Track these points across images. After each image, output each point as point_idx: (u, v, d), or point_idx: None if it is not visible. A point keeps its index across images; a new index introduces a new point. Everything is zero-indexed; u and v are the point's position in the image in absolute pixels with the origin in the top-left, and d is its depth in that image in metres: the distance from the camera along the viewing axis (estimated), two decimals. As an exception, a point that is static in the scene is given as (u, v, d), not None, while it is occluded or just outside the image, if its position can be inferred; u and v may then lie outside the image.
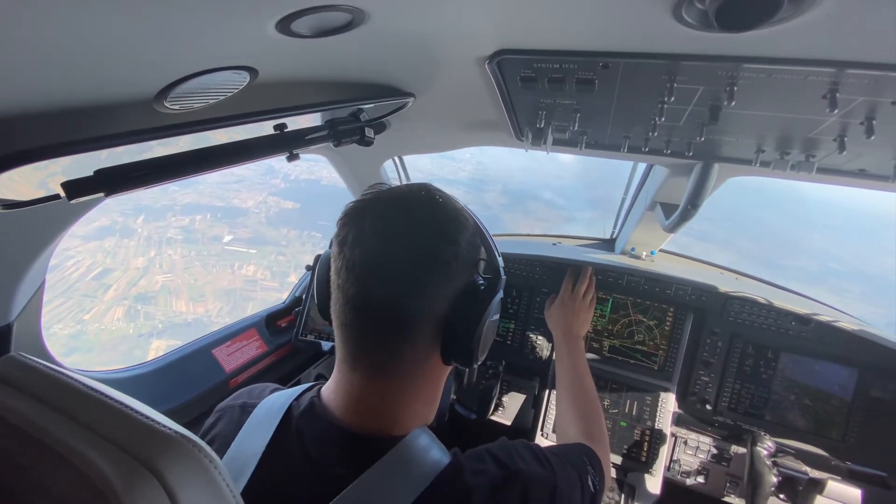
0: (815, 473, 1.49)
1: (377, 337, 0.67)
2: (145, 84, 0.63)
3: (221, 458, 0.67)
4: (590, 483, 0.84)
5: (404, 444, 0.65)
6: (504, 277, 0.77)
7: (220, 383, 1.54)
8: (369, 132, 1.16)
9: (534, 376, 1.92)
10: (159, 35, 0.53)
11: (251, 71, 0.74)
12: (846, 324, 1.52)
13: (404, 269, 0.65)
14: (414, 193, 0.72)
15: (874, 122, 0.79)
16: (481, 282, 0.73)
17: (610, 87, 0.89)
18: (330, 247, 0.71)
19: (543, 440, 1.80)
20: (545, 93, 0.96)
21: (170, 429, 0.45)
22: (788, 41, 0.65)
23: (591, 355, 1.87)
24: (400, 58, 0.85)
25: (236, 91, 0.79)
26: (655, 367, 1.79)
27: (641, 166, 1.69)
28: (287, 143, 1.00)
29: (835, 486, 1.36)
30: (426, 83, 1.00)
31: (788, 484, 1.49)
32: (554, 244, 2.16)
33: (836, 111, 0.75)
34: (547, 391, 1.85)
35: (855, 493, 1.35)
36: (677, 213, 1.24)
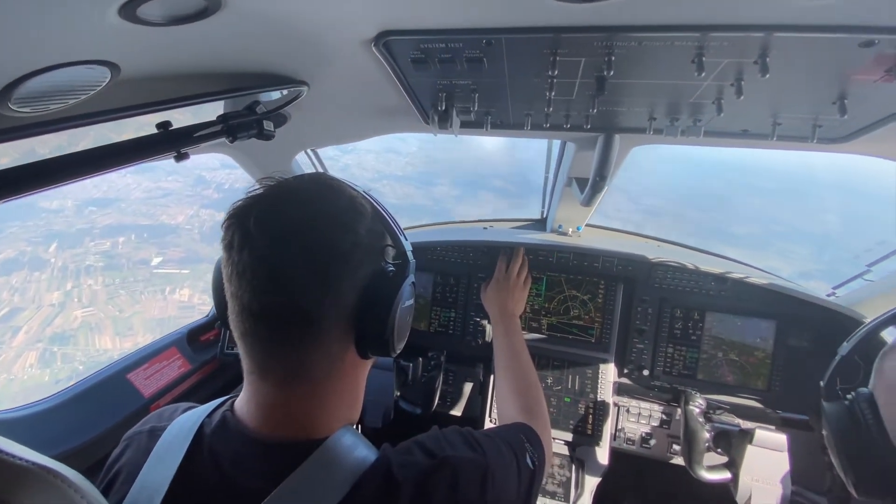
0: (747, 424, 1.63)
1: (282, 343, 0.66)
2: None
3: (128, 489, 0.66)
4: (527, 460, 0.87)
5: (326, 446, 0.65)
6: (413, 261, 0.79)
7: (138, 410, 1.49)
8: (268, 125, 1.16)
9: (477, 363, 1.99)
10: None
11: (110, 66, 0.72)
12: (756, 279, 1.68)
13: (299, 267, 0.64)
14: (303, 185, 0.71)
15: (742, 82, 0.88)
16: (390, 268, 0.74)
17: (499, 65, 0.94)
18: None
19: (491, 426, 1.86)
20: (439, 73, 1.00)
21: (26, 461, 0.44)
22: (649, 9, 0.71)
23: (531, 334, 1.96)
24: (278, 44, 0.86)
25: (99, 89, 0.77)
26: (593, 340, 1.90)
27: (556, 145, 1.77)
28: (173, 142, 0.98)
29: (762, 433, 1.49)
30: (317, 70, 1.01)
31: (722, 437, 1.62)
32: (485, 228, 2.23)
33: (703, 74, 0.83)
34: (492, 376, 1.91)
35: (781, 438, 1.48)
36: (588, 187, 1.32)
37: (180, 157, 1.02)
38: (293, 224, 0.65)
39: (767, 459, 1.47)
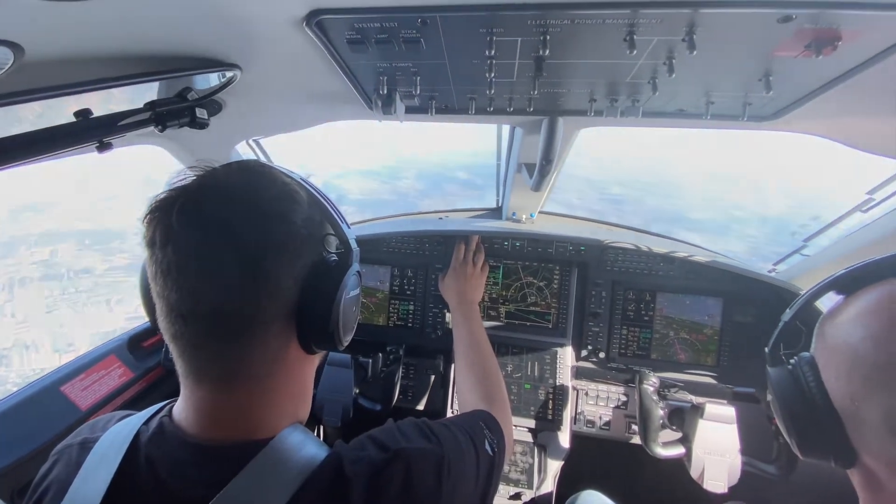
0: (699, 400, 1.71)
1: (217, 345, 0.64)
2: None
3: None
4: (487, 447, 0.88)
5: (271, 446, 0.64)
6: (356, 249, 0.78)
7: (74, 424, 1.42)
8: (201, 113, 1.13)
9: (438, 355, 2.01)
10: None
11: (11, 46, 0.68)
12: (700, 257, 1.77)
13: (229, 262, 0.61)
14: (230, 173, 0.68)
15: (673, 60, 0.92)
16: (332, 258, 0.73)
17: (437, 46, 0.94)
18: None
19: None
20: (377, 55, 0.99)
21: None
22: None
23: (489, 322, 2.00)
24: (201, 23, 0.83)
25: (1, 73, 0.73)
26: (550, 326, 1.96)
27: (507, 132, 1.79)
28: (94, 131, 0.94)
29: (712, 408, 1.57)
30: (248, 52, 0.99)
31: (676, 414, 1.70)
32: (440, 218, 2.25)
33: (635, 52, 0.86)
34: (453, 367, 1.93)
35: (729, 411, 1.57)
36: (536, 171, 1.35)
37: (102, 146, 0.98)
38: (220, 216, 0.62)
39: (718, 432, 1.55)
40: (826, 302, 0.77)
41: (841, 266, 0.74)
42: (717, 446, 1.54)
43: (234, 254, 0.61)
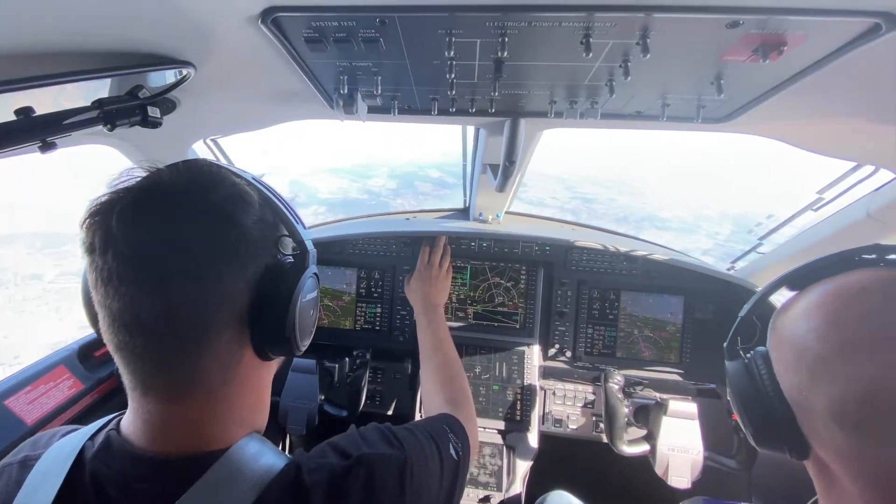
0: (663, 397, 1.77)
1: (163, 355, 0.62)
2: None
3: None
4: (451, 451, 0.89)
5: (226, 457, 0.63)
6: (312, 250, 0.77)
7: (19, 439, 1.36)
8: (153, 111, 1.10)
9: (406, 358, 2.02)
10: None
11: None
12: (659, 255, 1.83)
13: (175, 268, 0.59)
14: (176, 174, 0.66)
15: (629, 63, 0.95)
16: (289, 260, 0.72)
17: (397, 46, 0.94)
18: None
19: None
20: (336, 55, 0.99)
21: None
22: None
23: (457, 324, 2.02)
24: (150, 18, 0.82)
25: None
26: (517, 326, 1.99)
27: (471, 132, 1.81)
28: (36, 130, 0.91)
29: (675, 404, 1.63)
30: (202, 49, 0.97)
31: (641, 411, 1.76)
32: (407, 219, 2.26)
33: (591, 55, 0.89)
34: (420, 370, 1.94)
35: (692, 406, 1.63)
36: (500, 173, 1.37)
37: (46, 146, 0.94)
38: (164, 219, 0.61)
39: (681, 428, 1.61)
40: (781, 298, 0.81)
41: (794, 263, 0.78)
42: (680, 442, 1.59)
43: (179, 259, 0.60)
